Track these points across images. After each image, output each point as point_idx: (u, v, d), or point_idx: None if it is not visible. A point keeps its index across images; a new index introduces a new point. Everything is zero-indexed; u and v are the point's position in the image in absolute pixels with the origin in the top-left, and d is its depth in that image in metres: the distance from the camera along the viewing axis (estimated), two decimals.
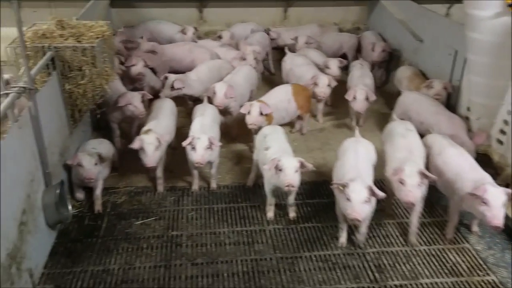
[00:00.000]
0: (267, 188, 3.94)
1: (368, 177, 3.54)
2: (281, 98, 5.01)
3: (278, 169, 3.60)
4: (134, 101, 4.58)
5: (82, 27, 4.16)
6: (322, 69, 5.87)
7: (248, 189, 4.45)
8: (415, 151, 3.74)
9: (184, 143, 4.05)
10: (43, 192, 3.41)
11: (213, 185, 4.45)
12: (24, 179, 3.11)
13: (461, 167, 3.61)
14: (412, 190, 3.31)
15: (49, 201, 3.39)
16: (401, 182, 3.34)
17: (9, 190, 2.85)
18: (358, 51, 7.24)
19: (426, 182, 3.48)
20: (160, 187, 4.35)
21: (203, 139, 3.97)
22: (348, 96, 5.18)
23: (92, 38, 4.03)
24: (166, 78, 5.34)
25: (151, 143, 3.96)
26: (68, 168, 4.01)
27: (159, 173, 4.30)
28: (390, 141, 3.95)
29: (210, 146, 3.99)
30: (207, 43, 6.65)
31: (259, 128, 4.52)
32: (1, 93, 3.03)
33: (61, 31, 4.04)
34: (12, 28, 6.31)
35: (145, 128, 4.18)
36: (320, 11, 7.78)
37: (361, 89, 5.17)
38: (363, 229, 3.65)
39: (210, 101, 4.94)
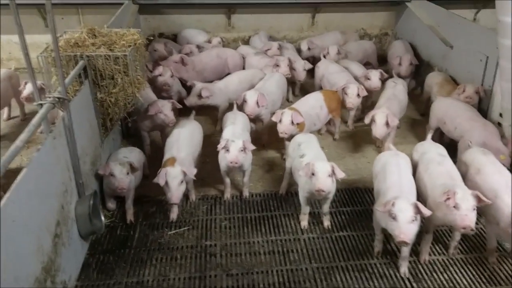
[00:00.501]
0: (302, 195, 3.84)
1: (411, 194, 3.38)
2: (312, 105, 4.90)
3: (311, 173, 3.51)
4: (165, 110, 4.52)
5: (113, 35, 4.13)
6: (362, 80, 5.65)
7: (280, 197, 4.36)
8: (456, 177, 3.51)
9: (219, 147, 4.03)
10: (76, 202, 3.38)
11: (245, 193, 4.37)
12: (58, 190, 3.07)
13: (500, 187, 3.34)
14: (468, 214, 3.07)
15: (83, 212, 3.35)
16: (455, 206, 3.11)
17: (45, 202, 2.82)
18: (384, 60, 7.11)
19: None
20: (192, 196, 4.29)
21: (238, 142, 3.95)
22: (367, 119, 4.76)
23: (124, 46, 3.99)
24: (193, 85, 5.30)
25: (176, 177, 3.70)
26: (99, 178, 3.97)
27: (190, 182, 4.23)
28: (425, 168, 3.68)
29: (244, 149, 3.95)
30: (242, 50, 6.57)
31: (291, 136, 4.43)
32: (36, 103, 3.01)
33: (93, 39, 4.02)
34: (39, 35, 6.46)
35: (167, 156, 3.99)
36: (348, 17, 7.69)
37: (381, 113, 4.66)
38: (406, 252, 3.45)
39: (240, 108, 4.88)
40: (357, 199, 4.35)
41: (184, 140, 4.18)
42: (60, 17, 6.46)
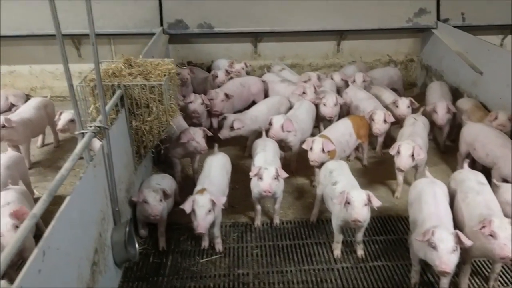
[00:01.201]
0: (335, 224, 3.80)
1: (449, 223, 3.32)
2: (342, 132, 4.91)
3: (346, 202, 3.48)
4: (197, 137, 4.58)
5: (149, 65, 4.24)
6: (391, 107, 5.62)
7: (312, 225, 4.33)
8: (493, 207, 3.42)
9: (251, 174, 4.03)
10: (112, 230, 3.41)
11: (276, 220, 4.35)
12: (97, 218, 3.11)
13: None
14: (507, 243, 2.97)
15: (119, 239, 3.38)
16: (492, 235, 3.03)
17: (85, 230, 2.86)
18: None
19: None
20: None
21: (271, 169, 3.95)
22: (393, 150, 4.53)
23: (159, 76, 4.09)
24: (224, 118, 5.34)
25: (203, 206, 3.60)
26: (132, 205, 4.01)
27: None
28: (463, 197, 3.60)
29: (276, 176, 3.95)
30: (267, 77, 6.67)
31: (321, 163, 4.42)
32: (77, 132, 3.09)
33: (129, 69, 4.13)
34: (72, 64, 6.68)
35: (198, 187, 3.98)
36: (373, 44, 7.75)
37: (407, 144, 4.45)
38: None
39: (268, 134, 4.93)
40: (390, 227, 4.29)
41: (215, 174, 4.17)
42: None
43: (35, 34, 6.71)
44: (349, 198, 3.48)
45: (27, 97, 6.75)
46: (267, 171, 3.95)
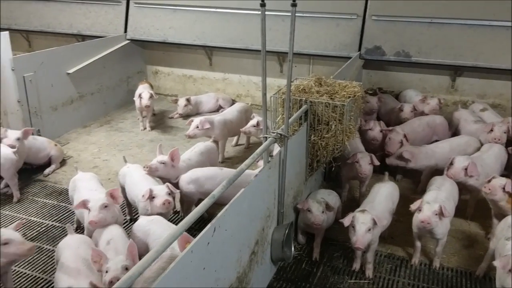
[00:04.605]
0: (499, 284, 3.43)
1: None
2: None
3: None
4: (362, 161, 4.70)
5: (337, 86, 4.53)
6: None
7: (475, 279, 3.97)
8: None
9: (412, 206, 3.97)
10: (274, 228, 3.76)
11: (436, 263, 4.13)
12: (263, 214, 3.49)
13: None
14: None
15: (278, 238, 3.70)
16: None
17: (251, 220, 3.25)
18: None
19: None
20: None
21: (433, 205, 3.82)
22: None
23: (344, 97, 4.34)
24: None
25: (364, 223, 3.71)
26: (296, 212, 4.32)
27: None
28: None
29: (439, 214, 3.81)
30: (459, 114, 6.28)
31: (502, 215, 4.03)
32: (261, 136, 3.53)
33: (318, 87, 4.47)
34: (273, 78, 7.47)
35: (360, 209, 4.03)
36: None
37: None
38: None
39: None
40: None
41: (379, 201, 4.20)
42: (294, 65, 7.31)
43: (248, 48, 7.64)
44: None
45: (233, 102, 7.82)
46: (428, 205, 3.84)
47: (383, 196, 4.28)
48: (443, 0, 6.69)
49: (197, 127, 5.64)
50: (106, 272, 3.05)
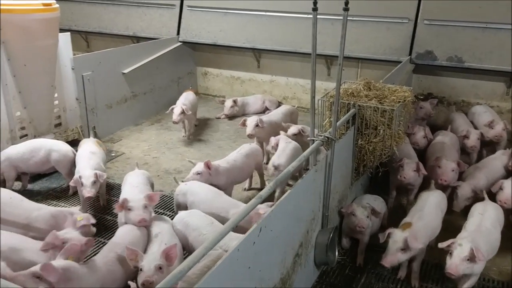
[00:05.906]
0: None
1: None
2: None
3: None
4: (405, 167, 4.63)
5: (386, 90, 4.47)
6: None
7: None
8: None
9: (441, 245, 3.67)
10: (318, 232, 3.76)
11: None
12: (308, 217, 3.51)
13: None
14: None
15: (322, 241, 3.71)
16: None
17: (296, 222, 3.28)
18: None
19: None
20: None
21: (465, 248, 3.46)
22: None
23: (393, 101, 4.28)
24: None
25: (396, 242, 3.62)
26: (341, 216, 4.30)
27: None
28: None
29: (469, 258, 3.44)
30: None
31: None
32: (309, 139, 3.55)
33: (367, 91, 4.44)
34: (320, 81, 7.44)
35: (407, 219, 3.97)
36: None
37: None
38: None
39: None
40: None
41: (428, 210, 4.08)
42: (342, 68, 7.24)
43: (296, 51, 7.68)
44: None
45: (279, 104, 7.86)
46: (456, 250, 3.48)
47: (433, 205, 4.17)
48: (499, 4, 6.45)
49: (257, 125, 5.71)
50: (141, 270, 3.13)
